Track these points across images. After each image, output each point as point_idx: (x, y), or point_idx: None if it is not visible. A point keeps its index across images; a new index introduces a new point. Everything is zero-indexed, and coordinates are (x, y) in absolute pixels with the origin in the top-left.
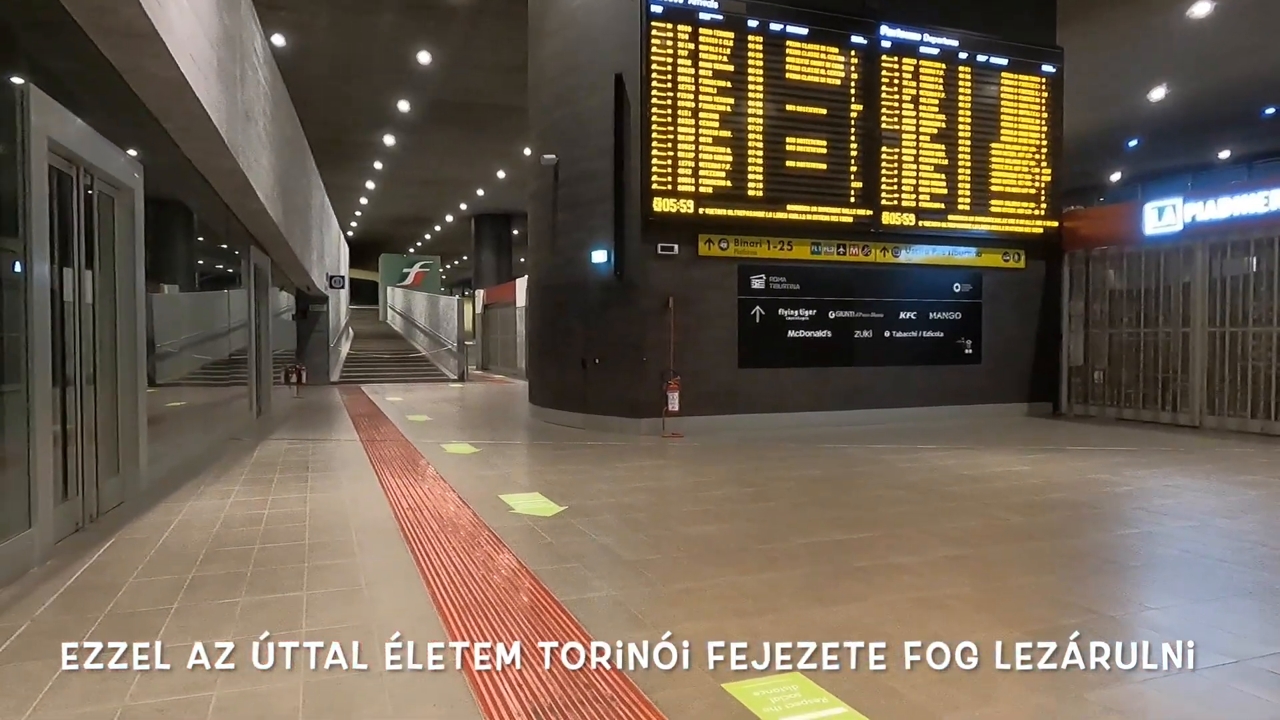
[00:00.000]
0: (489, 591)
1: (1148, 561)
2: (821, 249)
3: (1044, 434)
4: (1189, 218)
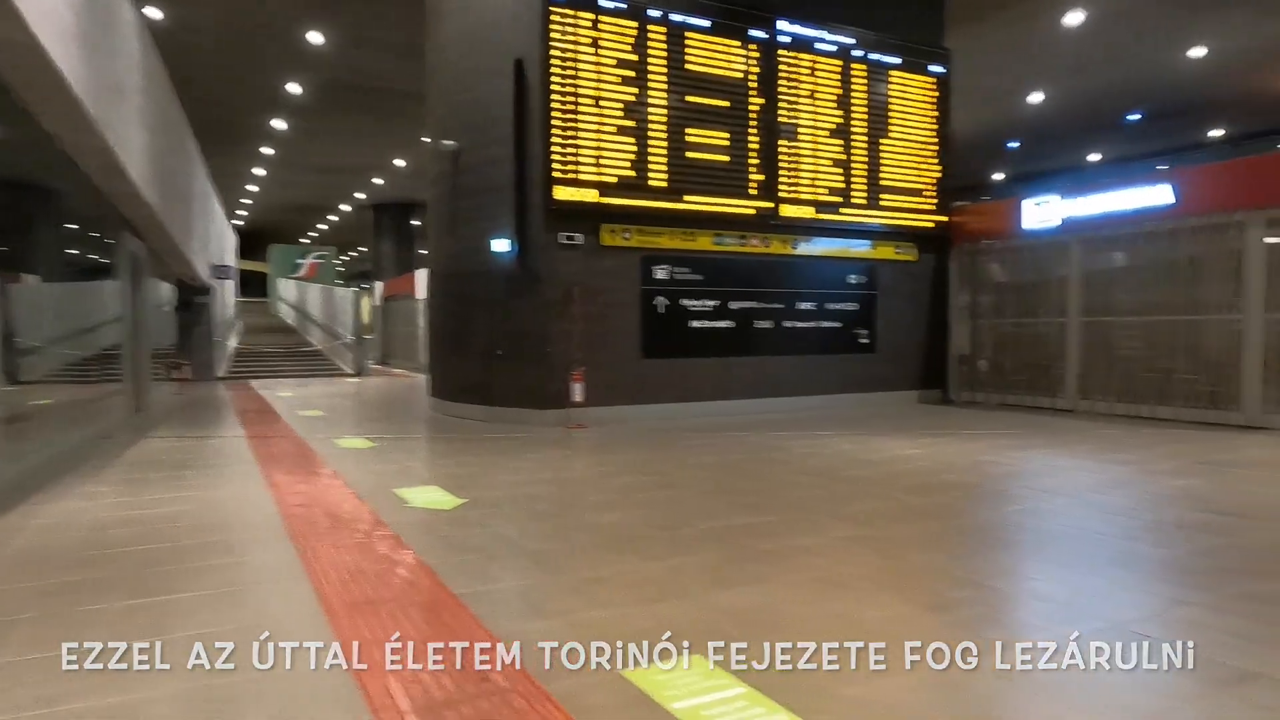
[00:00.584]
0: (380, 588)
1: (1031, 536)
2: (724, 240)
3: (935, 420)
4: (1065, 214)
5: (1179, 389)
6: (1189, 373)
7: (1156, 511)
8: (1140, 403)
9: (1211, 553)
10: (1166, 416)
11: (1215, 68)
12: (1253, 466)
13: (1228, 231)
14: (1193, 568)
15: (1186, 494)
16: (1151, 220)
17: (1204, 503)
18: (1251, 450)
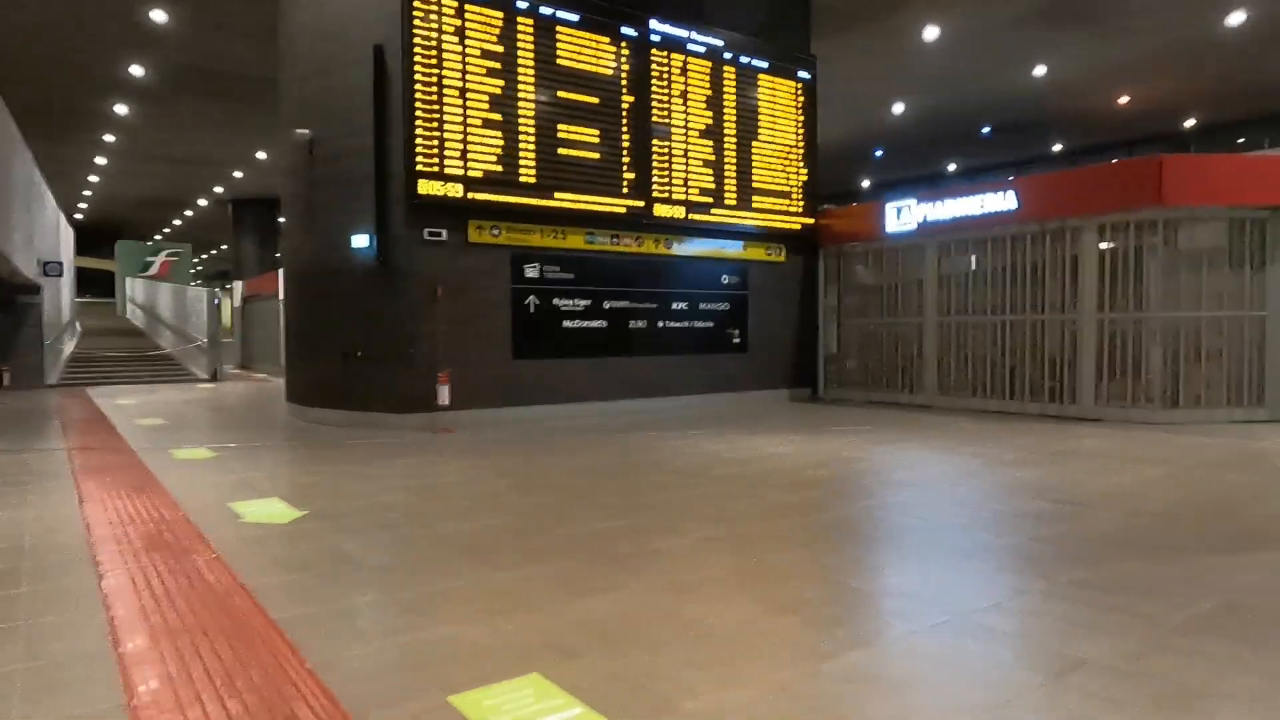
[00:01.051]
0: (187, 617)
1: (887, 530)
2: (596, 239)
3: (804, 417)
4: (921, 218)
5: (1024, 384)
6: (1033, 369)
7: (1002, 502)
8: (990, 397)
9: (1050, 540)
10: (1014, 410)
11: (1055, 86)
12: (1087, 456)
13: (1065, 236)
14: (1033, 555)
15: (1029, 484)
16: (998, 225)
17: (1044, 492)
18: (1087, 440)
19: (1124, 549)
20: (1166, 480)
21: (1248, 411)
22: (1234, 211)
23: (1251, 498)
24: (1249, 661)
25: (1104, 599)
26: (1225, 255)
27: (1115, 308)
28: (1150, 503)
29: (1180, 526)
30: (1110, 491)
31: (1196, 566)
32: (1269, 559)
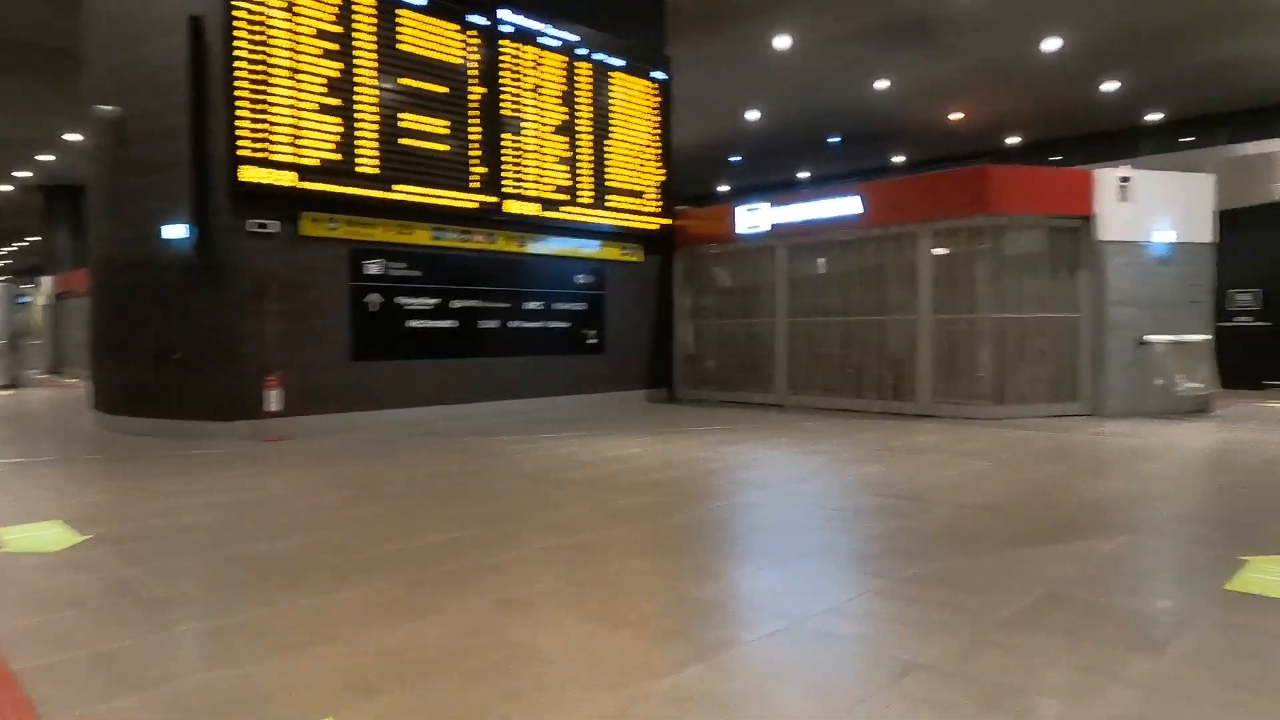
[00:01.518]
0: None
1: (731, 533)
2: (444, 235)
3: (659, 418)
4: (773, 220)
5: (869, 383)
6: (876, 368)
7: (843, 499)
8: (838, 396)
9: (887, 537)
10: (859, 408)
11: (896, 100)
12: (924, 452)
13: (904, 241)
14: (871, 553)
15: (869, 480)
16: (845, 229)
17: (883, 488)
18: (923, 436)
19: (954, 543)
20: (992, 473)
21: (1065, 406)
22: (1051, 220)
23: (1065, 488)
24: (1065, 655)
25: (936, 595)
26: (1044, 261)
27: (949, 310)
28: (978, 495)
29: (1004, 518)
30: (941, 485)
31: (1019, 558)
32: (1082, 548)
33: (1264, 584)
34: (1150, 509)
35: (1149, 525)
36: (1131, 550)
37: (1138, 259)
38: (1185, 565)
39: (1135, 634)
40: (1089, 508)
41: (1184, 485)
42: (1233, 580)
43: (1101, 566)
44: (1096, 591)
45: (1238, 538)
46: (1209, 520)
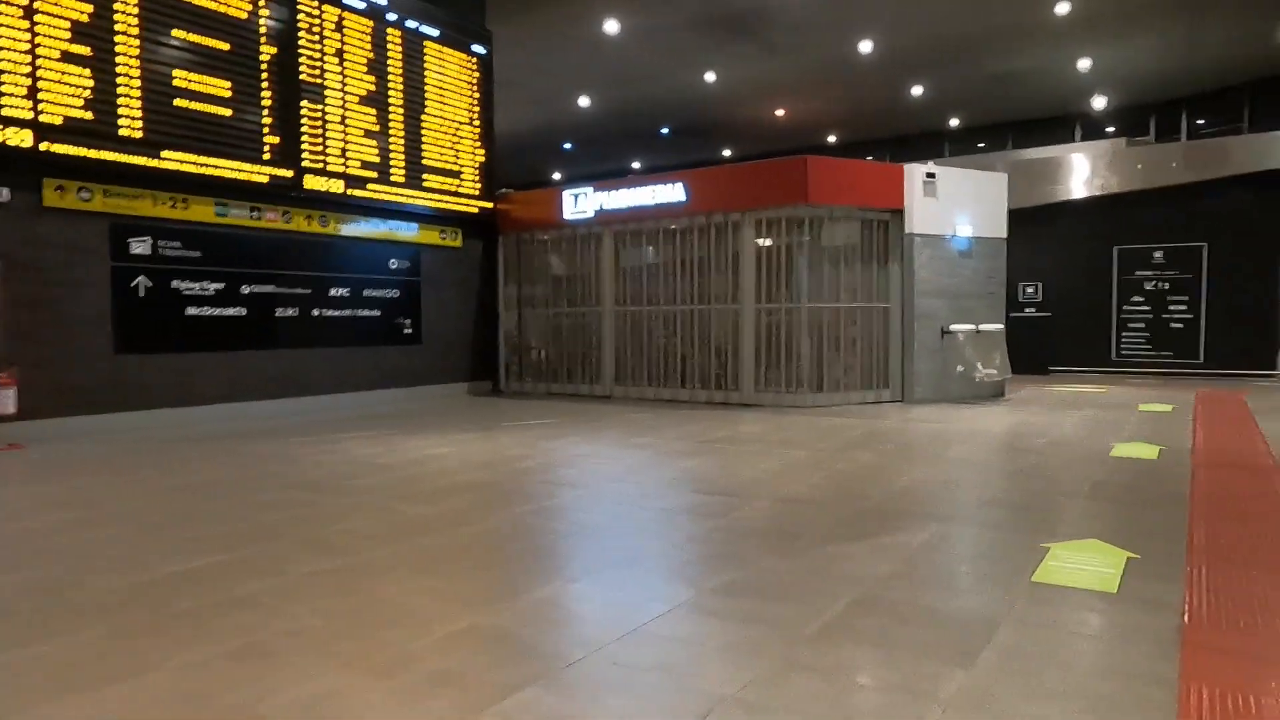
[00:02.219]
0: None
1: (536, 543)
2: (229, 211)
3: (479, 412)
4: (598, 206)
5: (695, 373)
6: (702, 358)
7: (662, 497)
8: (665, 386)
9: (701, 540)
10: (686, 399)
11: (724, 93)
12: (744, 442)
13: (728, 230)
14: (683, 560)
15: (689, 475)
16: (670, 216)
17: (702, 483)
18: (746, 426)
19: (769, 542)
20: (808, 463)
21: (877, 393)
22: (864, 213)
23: (877, 476)
24: (877, 673)
25: (746, 607)
26: (858, 252)
27: (771, 299)
28: (795, 487)
29: (819, 512)
30: (760, 478)
31: (832, 556)
32: (894, 542)
33: (1065, 573)
34: (957, 496)
35: (956, 514)
36: (941, 542)
37: (942, 252)
38: (992, 556)
39: (947, 642)
40: (900, 497)
41: (986, 470)
42: (1037, 570)
43: (912, 562)
44: (908, 592)
45: (1037, 524)
46: (1010, 505)
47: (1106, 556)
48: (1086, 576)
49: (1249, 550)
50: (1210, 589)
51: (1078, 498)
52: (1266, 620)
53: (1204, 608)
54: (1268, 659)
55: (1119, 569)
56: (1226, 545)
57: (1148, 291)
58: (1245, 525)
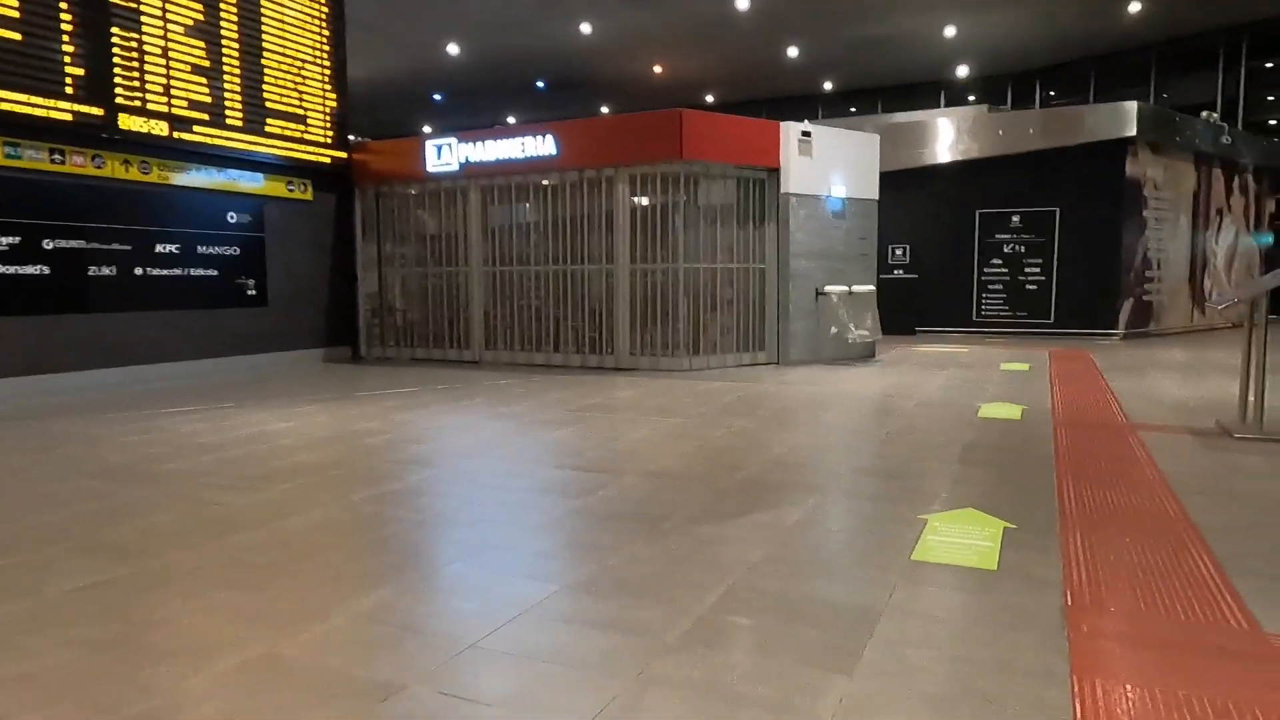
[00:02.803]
0: None
1: (370, 539)
2: (22, 152)
3: (333, 381)
4: (464, 158)
5: (569, 336)
6: (576, 320)
7: (524, 474)
8: (538, 350)
9: (562, 524)
10: (560, 363)
11: (600, 47)
12: (619, 410)
13: (602, 186)
14: (542, 551)
15: (557, 448)
16: (540, 171)
17: (570, 457)
18: (620, 392)
19: (637, 524)
20: (682, 431)
21: (753, 355)
22: (741, 171)
23: (753, 444)
24: (751, 687)
25: (605, 609)
26: (735, 212)
27: (647, 259)
28: (668, 459)
29: (693, 486)
30: (631, 450)
31: (704, 539)
32: (770, 520)
33: (944, 550)
34: (832, 464)
35: (832, 484)
36: (817, 518)
37: (817, 212)
38: (870, 532)
39: (827, 642)
40: (775, 467)
41: (860, 435)
42: (917, 547)
43: (788, 543)
44: (783, 580)
45: (913, 492)
46: (885, 473)
47: (983, 527)
48: (965, 552)
49: (1116, 515)
50: (1087, 562)
51: (950, 462)
52: (1144, 593)
53: (1084, 584)
54: (1152, 641)
55: (996, 541)
56: (1095, 510)
57: (1006, 254)
58: (1110, 489)
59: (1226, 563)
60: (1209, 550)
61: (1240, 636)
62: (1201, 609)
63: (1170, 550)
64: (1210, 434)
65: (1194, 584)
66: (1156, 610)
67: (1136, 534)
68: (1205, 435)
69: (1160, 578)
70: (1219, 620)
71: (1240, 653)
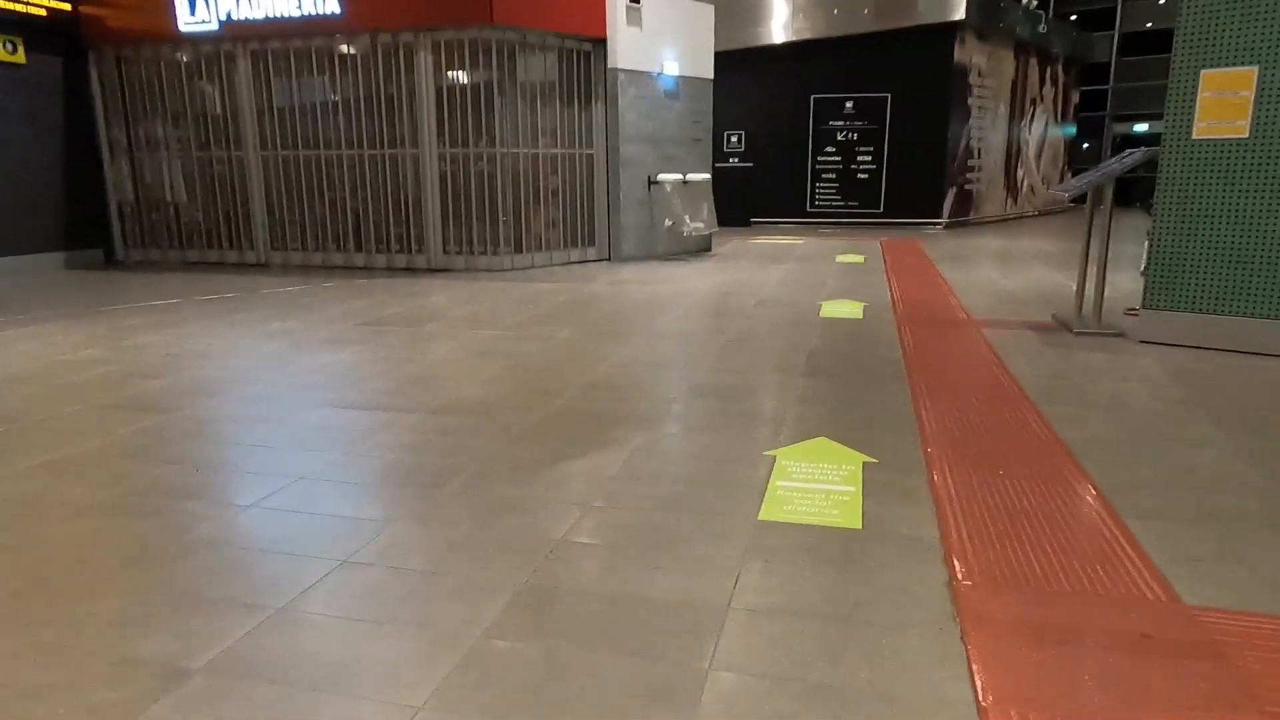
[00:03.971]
0: None
1: (43, 532)
2: None
3: (65, 294)
4: (224, 14)
5: (372, 233)
6: (379, 214)
7: (274, 422)
8: (338, 250)
9: (308, 495)
10: (363, 264)
11: None
12: (420, 322)
13: (400, 54)
14: (269, 540)
15: (330, 377)
16: (323, 32)
17: (342, 390)
18: (427, 298)
19: (412, 491)
20: (493, 347)
21: (583, 251)
22: (564, 40)
23: (576, 360)
24: None
25: (349, 635)
26: (558, 90)
27: (458, 143)
28: (470, 386)
29: (496, 424)
30: (425, 375)
31: (494, 508)
32: (588, 469)
33: (797, 503)
34: (666, 384)
35: (665, 412)
36: (644, 464)
37: (648, 91)
38: (709, 482)
39: (656, 674)
40: (600, 390)
41: (696, 344)
42: (765, 501)
43: (606, 509)
44: (598, 569)
45: (757, 418)
46: (725, 392)
47: (840, 464)
48: (822, 503)
49: (979, 437)
50: (964, 510)
51: (796, 374)
52: (1036, 553)
53: (967, 545)
54: (1068, 635)
55: (857, 484)
56: (957, 433)
57: (839, 142)
58: (966, 402)
59: (1113, 497)
60: (1092, 483)
61: (1162, 615)
62: (1107, 574)
63: (1049, 484)
64: (1050, 330)
65: (1089, 534)
66: (1059, 580)
67: (1008, 462)
68: (1046, 331)
69: (1049, 527)
70: (1133, 590)
71: (1170, 643)
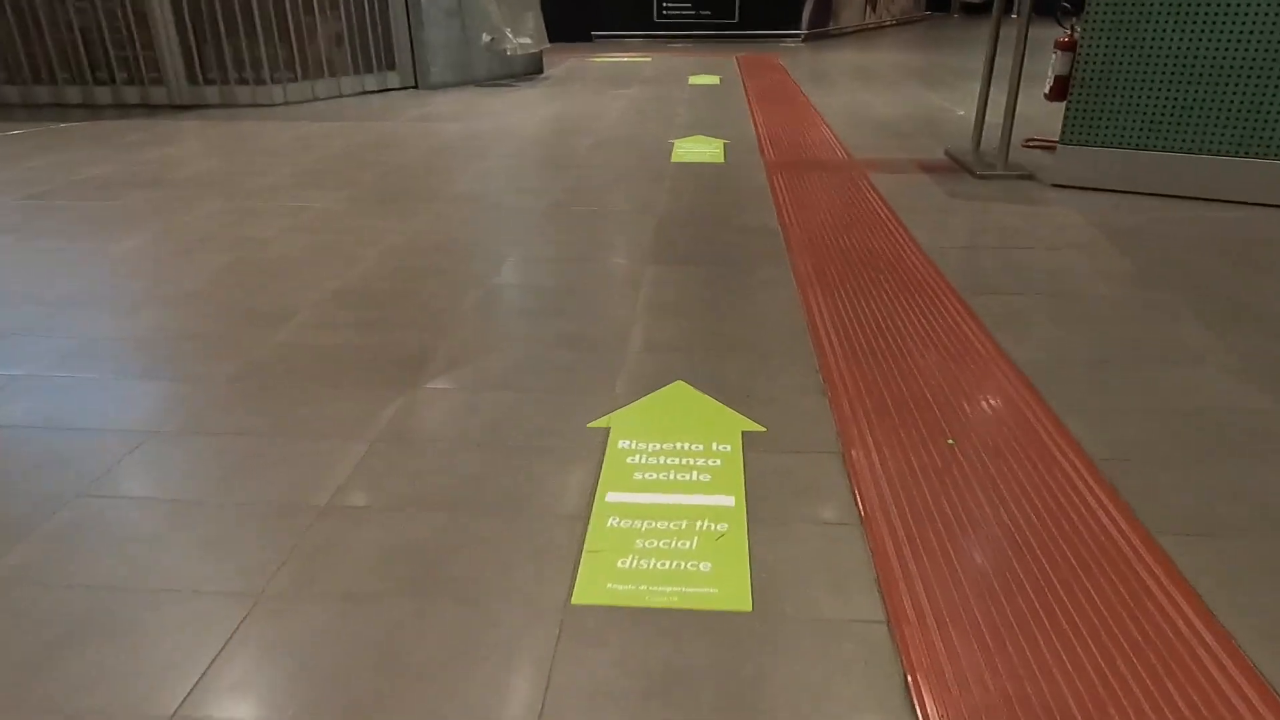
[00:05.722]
0: None
1: None
2: None
3: None
4: None
5: (84, 56)
6: (100, 34)
7: None
8: (58, 84)
9: None
10: (77, 101)
11: None
12: (121, 191)
13: None
14: None
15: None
16: None
17: None
18: (161, 149)
19: None
20: (214, 233)
21: (381, 77)
22: None
23: (330, 250)
24: None
25: None
26: None
27: None
28: (152, 307)
29: (183, 379)
30: (91, 284)
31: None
32: (315, 475)
33: (628, 550)
34: (454, 288)
35: (443, 346)
36: (395, 462)
37: None
38: (497, 501)
39: None
40: (352, 307)
41: (510, 215)
42: (582, 558)
43: (280, 598)
44: None
45: (577, 348)
46: (537, 301)
47: (709, 441)
48: (683, 543)
49: (909, 374)
50: (907, 539)
51: (641, 260)
52: (969, 577)
53: (904, 596)
54: None
55: (738, 490)
56: (872, 360)
57: None
58: (875, 298)
59: (1141, 510)
60: (1096, 483)
61: None
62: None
63: (1042, 472)
64: (947, 171)
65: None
66: (990, 615)
67: (958, 417)
68: (943, 174)
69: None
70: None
71: None
